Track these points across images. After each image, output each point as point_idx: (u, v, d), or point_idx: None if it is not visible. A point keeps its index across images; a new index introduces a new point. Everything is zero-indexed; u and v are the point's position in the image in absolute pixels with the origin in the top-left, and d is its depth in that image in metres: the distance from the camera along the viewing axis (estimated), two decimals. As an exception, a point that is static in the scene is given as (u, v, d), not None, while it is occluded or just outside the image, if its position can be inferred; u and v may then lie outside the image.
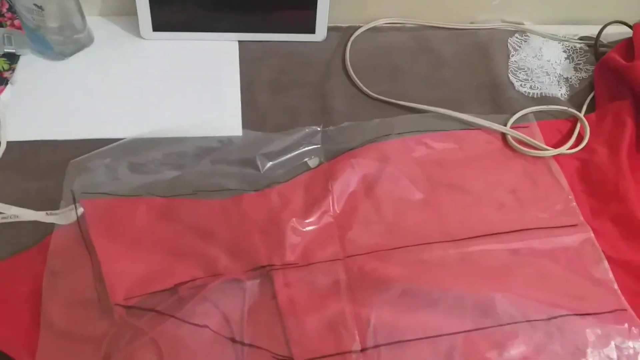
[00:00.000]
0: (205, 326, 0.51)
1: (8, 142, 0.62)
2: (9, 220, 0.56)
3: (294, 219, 0.58)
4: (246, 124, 0.67)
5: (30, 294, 0.51)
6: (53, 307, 0.51)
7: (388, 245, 0.59)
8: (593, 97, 0.76)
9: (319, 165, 0.64)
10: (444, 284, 0.56)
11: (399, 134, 0.68)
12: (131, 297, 0.51)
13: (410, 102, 0.72)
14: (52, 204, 0.57)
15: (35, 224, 0.56)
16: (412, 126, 0.69)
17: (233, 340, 0.51)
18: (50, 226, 0.56)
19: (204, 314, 0.52)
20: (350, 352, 0.52)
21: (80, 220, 0.56)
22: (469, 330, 0.54)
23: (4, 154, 0.61)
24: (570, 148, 0.70)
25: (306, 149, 0.65)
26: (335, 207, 0.61)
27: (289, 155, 0.64)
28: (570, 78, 0.79)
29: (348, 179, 0.63)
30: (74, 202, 0.56)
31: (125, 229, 0.56)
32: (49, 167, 0.60)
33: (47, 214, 0.57)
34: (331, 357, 0.51)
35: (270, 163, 0.63)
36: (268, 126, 0.67)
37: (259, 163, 0.63)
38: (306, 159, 0.65)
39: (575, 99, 0.76)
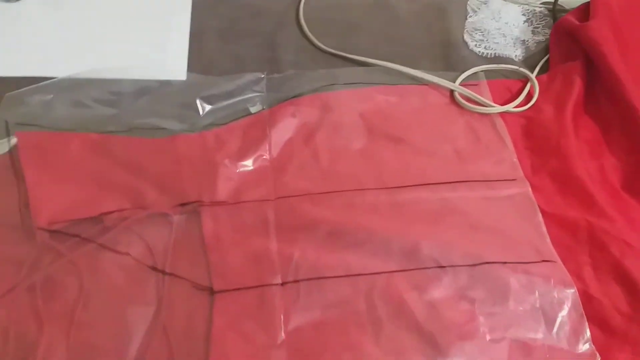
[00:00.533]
0: (127, 253, 0.52)
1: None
2: (-55, 148, 0.57)
3: (227, 159, 0.59)
4: (192, 69, 0.67)
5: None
6: (-23, 229, 0.51)
7: (320, 190, 0.59)
8: (548, 59, 0.76)
9: (260, 111, 0.64)
10: (371, 227, 0.57)
11: (344, 84, 0.68)
12: (55, 222, 0.52)
13: (361, 57, 0.72)
14: (-11, 137, 0.58)
15: (-29, 153, 0.57)
16: (358, 78, 0.69)
17: (154, 268, 0.52)
18: (-15, 156, 0.57)
19: (127, 243, 0.53)
20: (270, 285, 0.52)
21: (12, 150, 0.56)
22: (390, 272, 0.54)
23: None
24: (518, 107, 0.70)
25: (249, 95, 0.66)
26: (272, 151, 0.61)
27: (231, 101, 0.65)
28: (527, 41, 0.79)
29: (287, 126, 0.63)
30: (8, 132, 0.57)
31: (57, 160, 0.57)
32: (-8, 102, 0.61)
33: (-17, 144, 0.58)
34: (251, 289, 0.52)
35: (211, 107, 0.64)
36: (214, 73, 0.68)
37: (199, 106, 0.63)
38: (248, 105, 0.65)
39: (529, 61, 0.76)
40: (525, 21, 0.81)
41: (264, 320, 0.50)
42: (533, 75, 0.73)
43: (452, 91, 0.70)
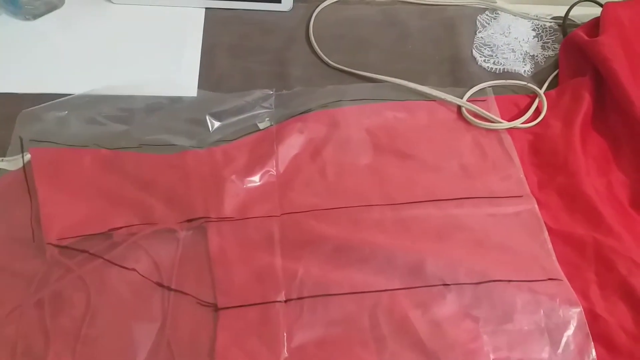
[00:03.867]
0: (134, 269, 0.53)
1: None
2: (-37, 165, 0.59)
3: (234, 175, 0.60)
4: (202, 85, 0.69)
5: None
6: (-10, 244, 0.53)
7: (326, 206, 0.60)
8: (557, 75, 0.76)
9: (267, 127, 0.65)
10: (376, 243, 0.57)
11: (351, 100, 0.68)
12: (65, 238, 0.54)
13: (369, 73, 0.73)
14: (5, 152, 0.60)
15: (-11, 168, 0.59)
16: (365, 94, 0.70)
17: (160, 284, 0.53)
18: (2, 171, 0.59)
19: (134, 259, 0.54)
20: (274, 302, 0.53)
21: (26, 166, 0.58)
22: (395, 289, 0.55)
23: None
24: (526, 122, 0.70)
25: (258, 112, 0.67)
26: (279, 167, 0.62)
27: (240, 117, 0.66)
28: (537, 56, 0.79)
29: (294, 142, 0.64)
30: (22, 148, 0.58)
31: (69, 176, 0.58)
32: (8, 117, 0.62)
33: (0, 160, 0.59)
34: (255, 305, 0.53)
35: (220, 123, 0.65)
36: (224, 89, 0.69)
37: (208, 122, 0.64)
38: (257, 122, 0.66)
39: (539, 76, 0.76)
40: (535, 36, 0.81)
41: (267, 337, 0.51)
42: (541, 91, 0.73)
43: (459, 107, 0.71)
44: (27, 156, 0.59)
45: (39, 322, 0.50)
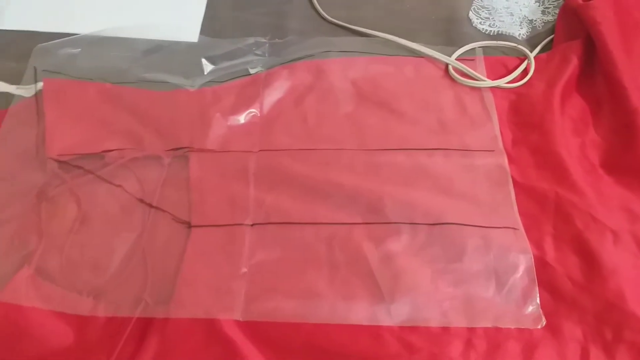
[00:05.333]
0: (120, 186, 0.60)
1: (-1, 30, 0.73)
2: (-15, 89, 0.68)
3: (219, 113, 0.65)
4: (203, 33, 0.74)
5: (-12, 144, 0.62)
6: (1, 157, 0.61)
7: (301, 147, 0.64)
8: (552, 40, 0.77)
9: (257, 72, 0.70)
10: (343, 183, 0.61)
11: (340, 52, 0.72)
12: (64, 154, 0.61)
13: (363, 28, 0.76)
14: (21, 81, 0.68)
15: (6, 94, 0.67)
16: (355, 47, 0.73)
17: (142, 201, 0.59)
18: (18, 97, 0.67)
19: (122, 178, 0.61)
20: (241, 224, 0.58)
21: (37, 94, 0.66)
22: (352, 223, 0.59)
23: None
24: (511, 82, 0.71)
25: (251, 58, 0.72)
26: (263, 109, 0.67)
27: (233, 62, 0.71)
28: (535, 20, 0.79)
29: (280, 87, 0.69)
30: (35, 77, 0.66)
31: (73, 104, 0.65)
32: (24, 52, 0.71)
33: (16, 87, 0.67)
34: (223, 226, 0.58)
35: (214, 66, 0.70)
36: (223, 37, 0.74)
37: (203, 65, 0.70)
38: (249, 67, 0.71)
39: (533, 40, 0.77)
40: (536, 1, 0.81)
41: (231, 254, 0.57)
42: (531, 54, 0.74)
43: (447, 65, 0.73)
44: (39, 85, 0.66)
45: (35, 223, 0.57)
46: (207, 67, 0.70)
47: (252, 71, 0.71)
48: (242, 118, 0.66)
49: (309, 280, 0.55)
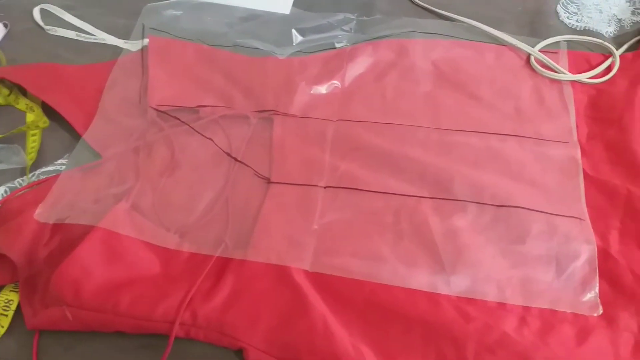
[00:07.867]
0: (210, 139, 0.65)
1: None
2: (98, 41, 0.75)
3: (304, 82, 0.69)
4: (296, 6, 0.78)
5: (97, 91, 0.69)
6: (108, 101, 0.68)
7: (378, 120, 0.68)
8: (639, 40, 0.76)
9: (342, 47, 0.74)
10: (415, 158, 0.64)
11: (424, 33, 0.75)
12: (163, 105, 0.67)
13: (450, 13, 0.78)
14: (129, 36, 0.75)
15: (115, 47, 0.74)
16: (439, 30, 0.75)
17: (229, 155, 0.65)
18: (126, 51, 0.73)
19: (212, 131, 0.66)
20: (315, 185, 0.62)
21: (143, 49, 0.72)
22: (421, 197, 0.62)
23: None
24: (593, 78, 0.72)
25: (338, 33, 0.75)
26: (345, 82, 0.71)
27: (321, 35, 0.75)
28: (624, 20, 0.79)
29: (363, 62, 0.72)
30: (142, 34, 0.73)
31: (174, 61, 0.72)
32: (133, 11, 0.78)
33: (124, 42, 0.74)
34: (299, 185, 0.63)
35: (303, 38, 0.74)
36: (314, 11, 0.78)
37: (293, 36, 0.74)
38: (335, 41, 0.75)
39: (620, 39, 0.77)
40: (627, 0, 0.80)
41: (304, 211, 0.61)
42: (617, 52, 0.74)
43: (529, 55, 0.74)
44: (146, 41, 0.73)
45: (134, 163, 0.63)
46: (297, 38, 0.74)
47: (337, 45, 0.74)
48: (324, 88, 0.70)
49: (373, 245, 0.58)
